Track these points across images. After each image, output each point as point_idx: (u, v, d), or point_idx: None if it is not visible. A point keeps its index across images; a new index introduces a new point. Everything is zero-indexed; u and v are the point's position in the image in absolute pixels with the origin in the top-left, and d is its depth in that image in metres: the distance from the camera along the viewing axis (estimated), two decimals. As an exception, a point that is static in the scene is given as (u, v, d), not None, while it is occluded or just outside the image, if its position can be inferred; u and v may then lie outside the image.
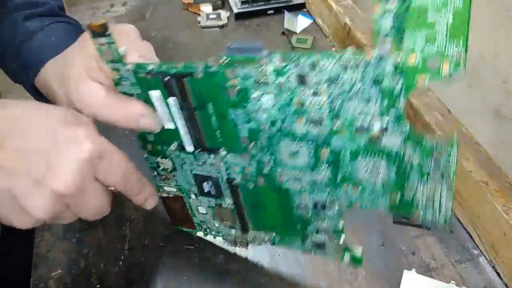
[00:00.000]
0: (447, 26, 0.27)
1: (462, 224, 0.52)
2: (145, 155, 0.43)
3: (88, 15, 0.95)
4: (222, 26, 0.89)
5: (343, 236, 0.40)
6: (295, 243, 0.44)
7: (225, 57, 0.33)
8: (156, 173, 0.45)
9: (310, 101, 0.33)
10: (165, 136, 0.40)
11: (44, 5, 0.49)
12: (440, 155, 0.31)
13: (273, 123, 0.36)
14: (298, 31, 0.85)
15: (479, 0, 0.73)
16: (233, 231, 0.47)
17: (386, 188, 0.35)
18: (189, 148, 0.40)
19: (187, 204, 0.47)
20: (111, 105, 0.37)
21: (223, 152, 0.39)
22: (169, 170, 0.43)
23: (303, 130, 0.35)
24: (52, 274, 0.48)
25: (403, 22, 0.28)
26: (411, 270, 0.45)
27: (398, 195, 0.35)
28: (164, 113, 0.38)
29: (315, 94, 0.33)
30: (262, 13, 0.91)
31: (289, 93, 0.33)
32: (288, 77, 0.32)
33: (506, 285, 0.46)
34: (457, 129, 0.54)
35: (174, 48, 0.85)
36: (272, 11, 0.91)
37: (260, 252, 0.49)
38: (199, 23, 0.90)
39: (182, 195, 0.46)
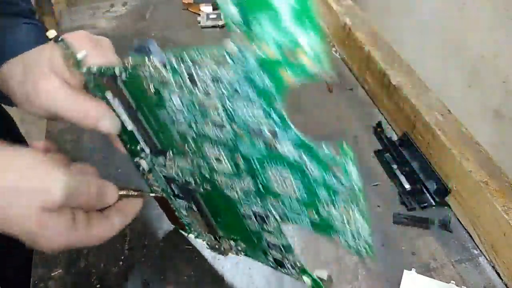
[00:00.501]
0: (292, 10, 0.23)
1: (462, 224, 0.52)
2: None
3: (88, 15, 0.95)
4: (222, 26, 0.89)
5: (296, 255, 0.36)
6: (260, 257, 0.40)
7: (130, 57, 0.33)
8: (141, 173, 0.44)
9: (205, 102, 0.30)
10: (132, 138, 0.40)
11: (14, 5, 0.49)
12: (339, 170, 0.27)
13: (189, 125, 0.33)
14: (298, 31, 0.85)
15: (479, 0, 0.73)
16: (208, 236, 0.45)
17: (300, 203, 0.31)
18: (146, 150, 0.40)
19: (172, 205, 0.45)
20: (70, 103, 0.37)
21: (169, 155, 0.38)
22: (146, 170, 0.42)
23: (213, 133, 0.32)
24: (52, 274, 0.48)
25: (246, 6, 0.24)
26: (411, 270, 0.45)
27: (314, 213, 0.30)
28: (123, 114, 0.38)
29: (206, 94, 0.30)
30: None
31: (188, 92, 0.31)
32: (180, 75, 0.30)
33: (506, 285, 0.46)
34: (457, 129, 0.55)
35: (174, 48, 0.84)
36: None
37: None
38: (199, 23, 0.90)
39: (164, 195, 0.45)
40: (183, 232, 0.50)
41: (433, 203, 0.54)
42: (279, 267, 0.39)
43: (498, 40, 0.71)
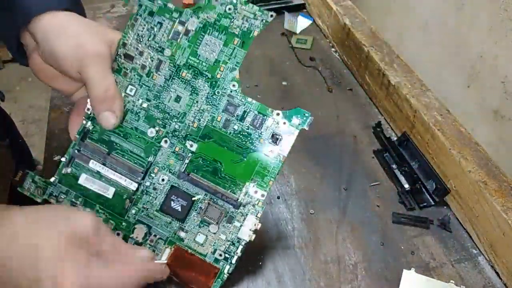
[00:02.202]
0: None
1: (461, 223, 0.53)
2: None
3: (89, 16, 0.94)
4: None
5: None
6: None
7: None
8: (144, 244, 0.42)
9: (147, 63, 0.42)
10: (117, 206, 0.42)
11: None
12: None
13: (147, 97, 0.41)
14: (298, 32, 0.85)
15: (478, 0, 0.74)
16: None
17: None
18: (134, 186, 0.42)
19: (187, 249, 0.42)
20: (103, 69, 0.39)
21: (152, 158, 0.41)
22: (144, 236, 0.42)
23: (162, 80, 0.41)
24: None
25: None
26: (410, 269, 0.45)
27: None
28: (101, 185, 0.42)
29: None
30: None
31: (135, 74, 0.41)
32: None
33: (505, 284, 0.47)
34: (456, 129, 0.55)
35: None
36: (272, 12, 0.91)
37: (260, 252, 0.49)
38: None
39: (176, 244, 0.42)
40: (220, 282, 0.42)
41: (432, 203, 0.54)
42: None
43: (497, 40, 0.71)
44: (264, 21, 0.40)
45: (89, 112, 0.42)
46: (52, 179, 0.42)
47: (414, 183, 0.56)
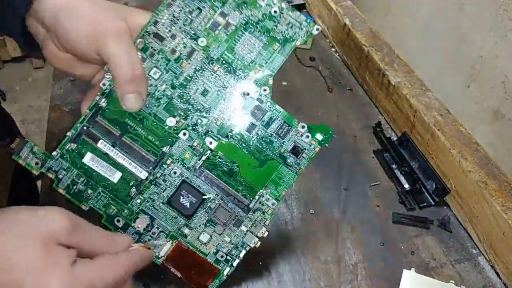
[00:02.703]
0: None
1: (461, 223, 0.53)
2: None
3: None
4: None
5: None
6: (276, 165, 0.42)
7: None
8: (141, 240, 0.41)
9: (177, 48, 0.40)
10: (121, 192, 0.40)
11: None
12: None
13: (172, 85, 0.39)
14: (297, 32, 0.85)
15: (479, 0, 0.74)
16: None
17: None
18: (144, 175, 0.40)
19: (189, 246, 0.41)
20: (124, 49, 0.36)
21: (168, 149, 0.40)
22: (146, 227, 0.41)
23: (191, 71, 0.39)
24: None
25: None
26: (410, 269, 0.45)
27: None
28: (107, 168, 0.40)
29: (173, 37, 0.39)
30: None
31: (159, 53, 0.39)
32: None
33: (505, 284, 0.47)
34: (456, 129, 0.55)
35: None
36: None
37: (260, 252, 0.49)
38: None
39: (178, 239, 0.41)
40: (219, 280, 0.42)
41: (432, 203, 0.54)
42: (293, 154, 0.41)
43: (497, 40, 0.71)
44: (309, 32, 0.39)
45: (104, 88, 0.39)
46: (54, 153, 0.39)
47: (414, 183, 0.56)
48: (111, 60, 0.35)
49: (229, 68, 0.39)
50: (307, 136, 0.40)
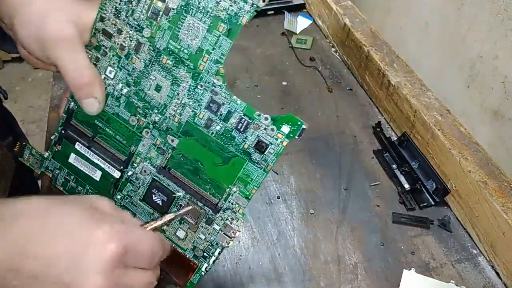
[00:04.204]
0: None
1: (461, 223, 0.53)
2: None
3: None
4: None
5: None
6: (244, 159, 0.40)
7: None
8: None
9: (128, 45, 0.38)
10: (103, 189, 0.41)
11: None
12: None
13: (127, 82, 0.38)
14: (298, 32, 0.85)
15: (479, 0, 0.74)
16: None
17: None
18: (117, 174, 0.40)
19: (169, 240, 0.41)
20: (74, 49, 0.34)
21: (134, 148, 0.39)
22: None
23: (141, 65, 0.37)
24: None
25: None
26: (410, 269, 0.45)
27: None
28: (89, 167, 0.41)
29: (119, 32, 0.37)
30: (262, 13, 0.91)
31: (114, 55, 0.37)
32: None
33: (505, 284, 0.47)
34: (456, 129, 0.55)
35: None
36: (272, 12, 0.91)
37: (260, 252, 0.49)
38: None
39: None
40: (197, 278, 0.42)
41: (433, 203, 0.54)
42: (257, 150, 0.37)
43: (497, 40, 0.71)
44: (255, 5, 0.33)
45: None
46: (46, 154, 0.42)
47: (414, 183, 0.56)
48: (59, 68, 0.34)
49: (177, 59, 0.36)
50: (272, 129, 0.35)
